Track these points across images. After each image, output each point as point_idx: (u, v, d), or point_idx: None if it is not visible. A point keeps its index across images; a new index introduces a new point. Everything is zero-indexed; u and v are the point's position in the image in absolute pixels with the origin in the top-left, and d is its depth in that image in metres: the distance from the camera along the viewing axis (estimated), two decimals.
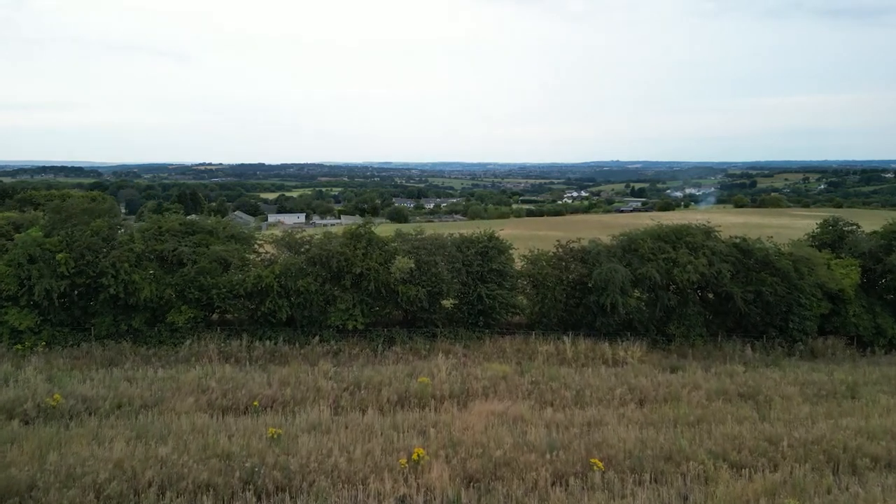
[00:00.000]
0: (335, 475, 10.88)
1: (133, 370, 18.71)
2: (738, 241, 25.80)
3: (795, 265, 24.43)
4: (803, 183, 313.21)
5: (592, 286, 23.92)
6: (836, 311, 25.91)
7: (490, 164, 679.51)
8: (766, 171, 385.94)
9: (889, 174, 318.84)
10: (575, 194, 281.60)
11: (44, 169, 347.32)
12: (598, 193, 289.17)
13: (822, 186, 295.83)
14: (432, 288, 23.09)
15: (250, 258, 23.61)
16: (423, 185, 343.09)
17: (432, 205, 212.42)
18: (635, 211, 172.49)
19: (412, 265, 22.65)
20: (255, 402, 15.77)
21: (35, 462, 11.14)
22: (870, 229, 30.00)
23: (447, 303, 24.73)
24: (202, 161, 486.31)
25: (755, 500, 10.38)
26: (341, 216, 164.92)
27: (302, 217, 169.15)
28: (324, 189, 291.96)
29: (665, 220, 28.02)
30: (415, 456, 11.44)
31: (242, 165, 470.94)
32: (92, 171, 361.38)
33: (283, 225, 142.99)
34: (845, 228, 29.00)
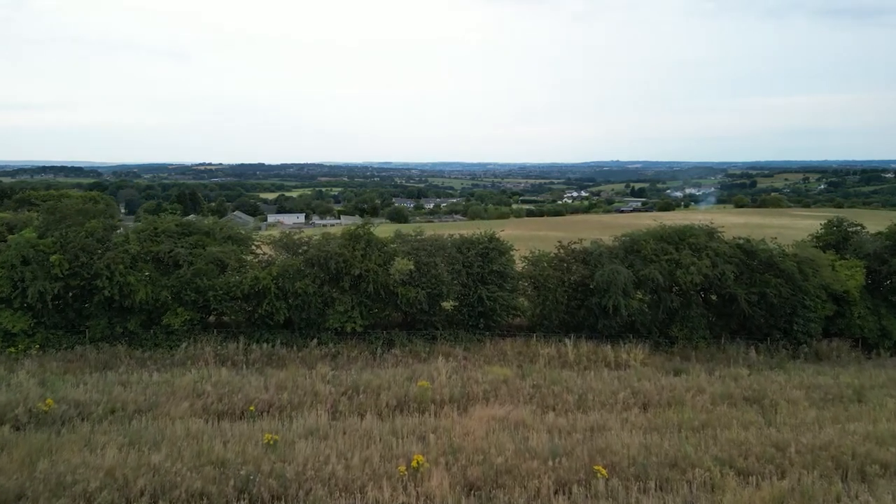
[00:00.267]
0: (332, 483, 10.62)
1: (127, 374, 18.41)
2: (742, 241, 25.50)
3: (800, 266, 24.12)
4: (803, 183, 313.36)
5: (594, 288, 23.63)
6: (841, 313, 25.64)
7: (490, 163, 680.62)
8: (766, 171, 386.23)
9: (889, 174, 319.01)
10: (575, 194, 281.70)
11: (43, 169, 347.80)
12: (598, 193, 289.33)
13: (822, 186, 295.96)
14: (432, 290, 22.83)
15: (248, 259, 23.31)
16: (422, 185, 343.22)
17: (432, 205, 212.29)
18: (635, 211, 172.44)
19: (412, 267, 22.39)
20: (252, 407, 15.53)
21: (25, 470, 10.87)
22: (871, 230, 29.71)
23: (447, 305, 24.43)
24: (202, 161, 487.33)
25: None
26: (341, 216, 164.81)
27: (301, 217, 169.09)
28: (324, 189, 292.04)
29: (666, 220, 27.77)
30: (414, 463, 11.19)
31: (242, 165, 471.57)
32: (92, 171, 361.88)
33: (282, 225, 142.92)
34: (850, 229, 28.71)
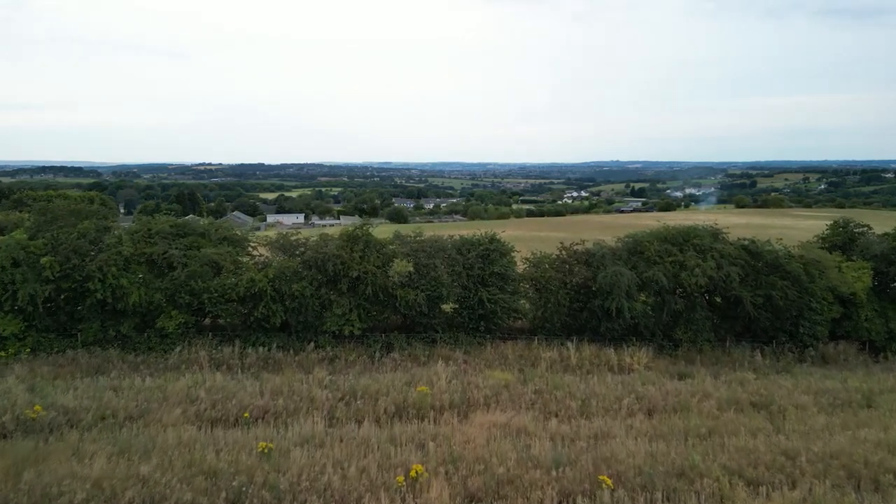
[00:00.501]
0: (328, 495, 10.30)
1: (119, 379, 18.06)
2: (747, 242, 25.08)
3: (806, 268, 23.71)
4: (803, 183, 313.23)
5: (597, 290, 23.23)
6: (848, 316, 25.22)
7: (490, 163, 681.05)
8: (766, 171, 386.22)
9: (889, 174, 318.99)
10: (575, 194, 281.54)
11: (43, 169, 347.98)
12: (599, 193, 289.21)
13: (823, 186, 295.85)
14: (432, 292, 22.44)
15: (243, 261, 22.88)
16: (422, 185, 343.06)
17: (432, 205, 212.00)
18: (636, 211, 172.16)
19: (411, 268, 22.01)
20: (246, 414, 15.17)
21: (9, 481, 10.53)
22: (876, 230, 29.29)
23: (447, 307, 24.04)
24: (202, 161, 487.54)
25: None
26: (340, 217, 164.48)
27: (301, 217, 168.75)
28: (323, 189, 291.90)
29: (667, 220, 27.43)
30: (413, 473, 10.90)
31: (242, 165, 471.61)
32: (91, 172, 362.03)
33: (281, 225, 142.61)
34: (856, 230, 28.29)
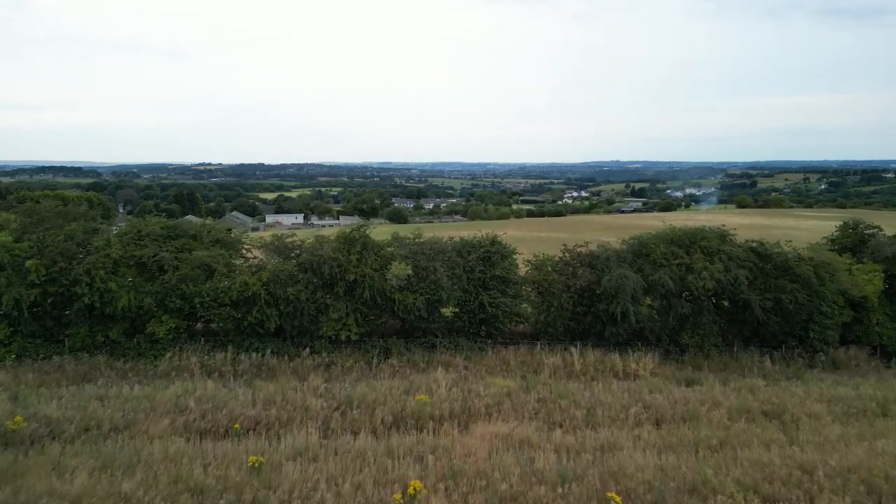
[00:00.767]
0: None
1: (106, 387, 17.34)
2: (755, 244, 24.36)
3: (816, 271, 23.01)
4: (804, 183, 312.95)
5: (601, 293, 22.53)
6: (859, 320, 24.54)
7: (490, 163, 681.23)
8: (766, 171, 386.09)
9: (889, 174, 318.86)
10: (575, 194, 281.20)
11: (43, 169, 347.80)
12: (599, 193, 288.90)
13: (823, 186, 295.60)
14: (431, 296, 21.78)
15: (237, 264, 22.18)
16: (422, 185, 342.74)
17: (432, 205, 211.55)
18: (636, 211, 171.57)
19: (409, 271, 21.34)
20: (237, 425, 14.47)
21: None
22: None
23: (447, 311, 23.35)
24: (202, 161, 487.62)
25: None
26: (340, 217, 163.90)
27: (300, 217, 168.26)
28: (323, 189, 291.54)
29: (668, 220, 26.77)
30: (410, 490, 10.33)
31: (242, 165, 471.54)
32: (91, 172, 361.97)
33: (280, 226, 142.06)
34: (866, 231, 27.59)
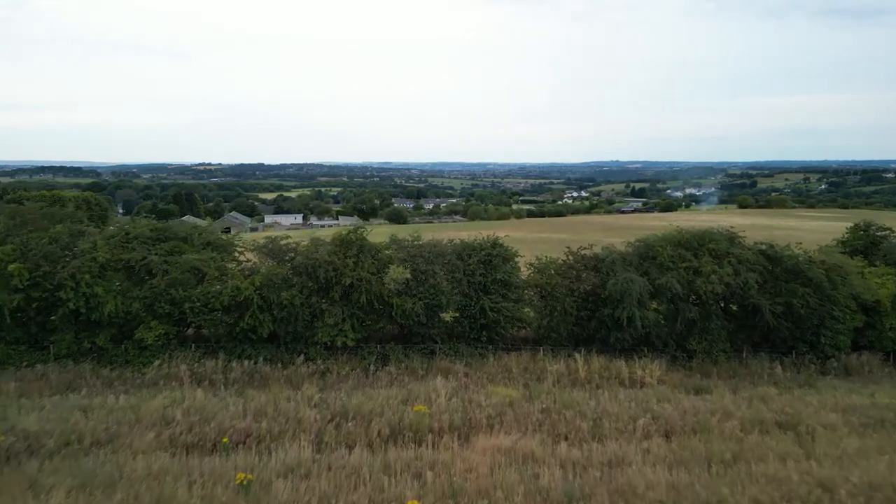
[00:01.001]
0: None
1: (90, 397, 16.62)
2: (765, 247, 23.61)
3: (828, 274, 22.27)
4: (804, 183, 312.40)
5: (607, 297, 21.82)
6: (871, 325, 23.84)
7: (490, 163, 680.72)
8: (766, 171, 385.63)
9: (889, 174, 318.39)
10: (575, 194, 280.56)
11: (42, 169, 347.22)
12: (599, 193, 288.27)
13: (823, 186, 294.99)
14: (430, 300, 21.08)
15: (229, 267, 21.41)
16: (422, 185, 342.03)
17: (432, 205, 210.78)
18: (637, 212, 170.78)
19: (408, 275, 20.64)
20: (225, 439, 13.74)
21: None
22: None
23: (447, 316, 22.65)
24: (202, 161, 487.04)
25: None
26: (339, 217, 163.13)
27: (299, 218, 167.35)
28: (323, 189, 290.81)
29: (669, 221, 26.08)
30: None
31: (242, 165, 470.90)
32: (91, 172, 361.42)
33: (279, 226, 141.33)
34: (878, 233, 26.88)
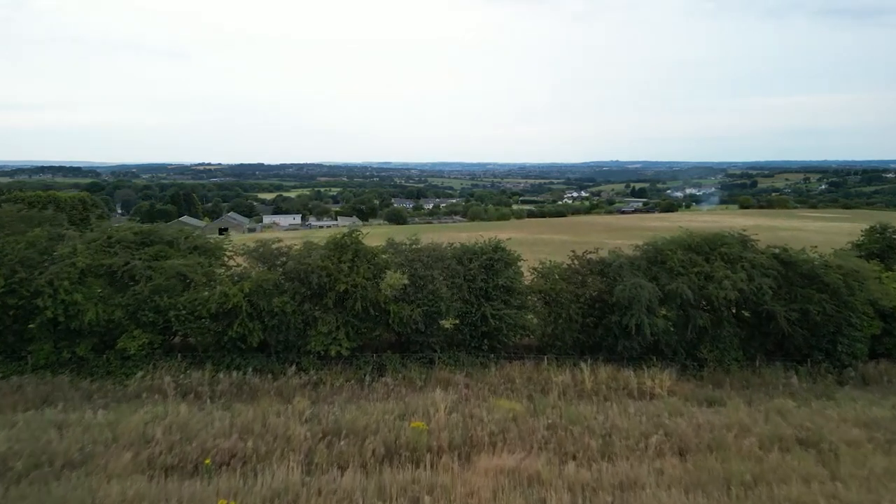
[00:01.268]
0: None
1: (67, 412, 15.58)
2: (779, 251, 22.57)
3: (846, 279, 21.24)
4: (804, 183, 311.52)
5: (614, 304, 20.80)
6: (889, 332, 22.84)
7: (490, 164, 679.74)
8: (767, 171, 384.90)
9: (890, 174, 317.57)
10: (575, 194, 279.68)
11: (42, 169, 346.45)
12: (599, 194, 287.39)
13: (823, 186, 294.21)
14: (429, 307, 20.08)
15: (217, 273, 20.36)
16: (422, 185, 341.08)
17: (431, 205, 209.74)
18: (637, 212, 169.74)
19: (405, 281, 19.64)
20: (208, 461, 12.73)
21: None
22: None
23: (446, 324, 21.60)
24: (201, 161, 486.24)
25: None
26: (338, 217, 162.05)
27: (298, 218, 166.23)
28: (322, 189, 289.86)
29: (671, 221, 25.04)
30: None
31: (242, 165, 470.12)
32: (90, 172, 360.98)
33: (278, 226, 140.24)
34: (894, 237, 25.82)
